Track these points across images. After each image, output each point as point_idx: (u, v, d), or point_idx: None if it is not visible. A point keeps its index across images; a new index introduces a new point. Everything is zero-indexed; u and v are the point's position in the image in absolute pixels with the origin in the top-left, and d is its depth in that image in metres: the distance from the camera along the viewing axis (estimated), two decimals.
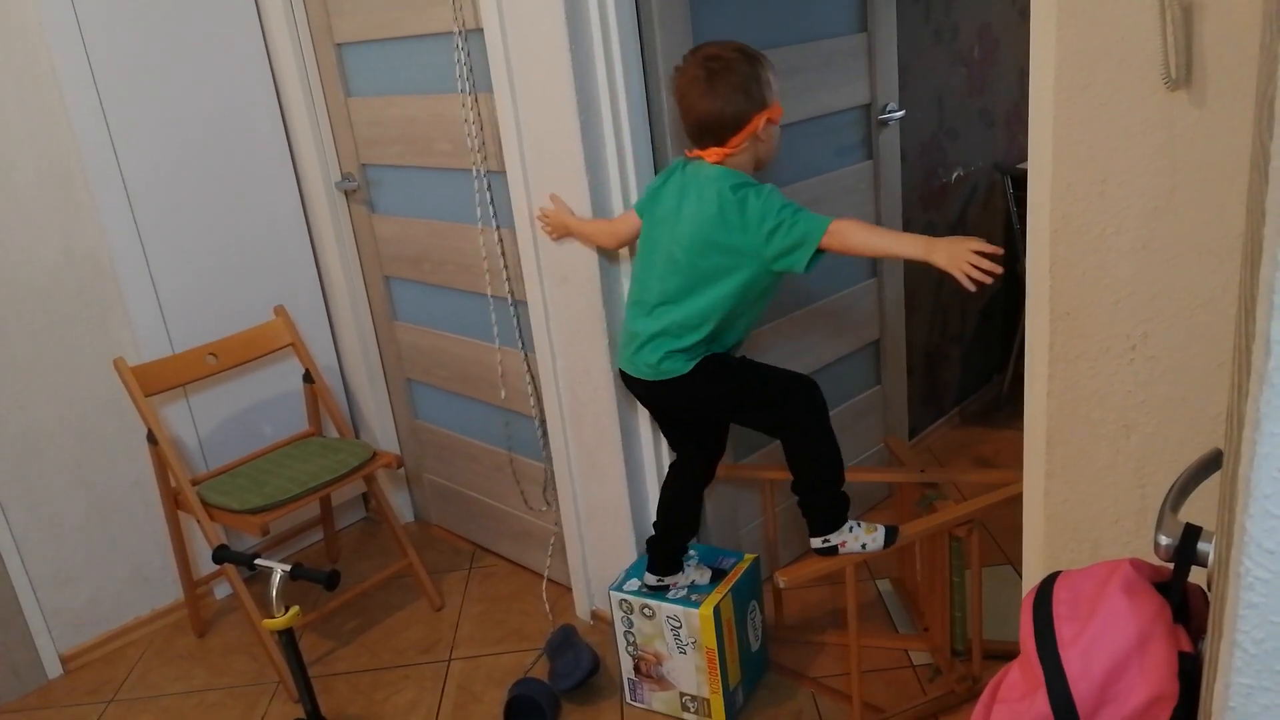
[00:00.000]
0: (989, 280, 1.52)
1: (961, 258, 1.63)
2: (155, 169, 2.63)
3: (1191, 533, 0.75)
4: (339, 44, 2.68)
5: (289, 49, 2.72)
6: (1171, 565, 0.78)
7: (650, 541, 2.19)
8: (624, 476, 2.34)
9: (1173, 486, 0.79)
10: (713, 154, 1.88)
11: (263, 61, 2.80)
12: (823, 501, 1.98)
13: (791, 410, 1.96)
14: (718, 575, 2.19)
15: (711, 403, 2.03)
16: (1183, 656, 0.77)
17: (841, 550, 1.99)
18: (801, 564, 2.06)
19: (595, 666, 2.35)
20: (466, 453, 2.91)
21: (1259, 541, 0.55)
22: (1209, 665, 0.67)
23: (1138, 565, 0.84)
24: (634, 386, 2.07)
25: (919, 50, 2.90)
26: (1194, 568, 0.78)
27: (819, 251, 1.78)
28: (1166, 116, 1.28)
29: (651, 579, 2.16)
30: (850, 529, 1.99)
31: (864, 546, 1.99)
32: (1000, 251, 1.66)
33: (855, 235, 1.76)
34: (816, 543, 2.00)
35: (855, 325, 2.75)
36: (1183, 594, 0.81)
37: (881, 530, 1.99)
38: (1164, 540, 0.75)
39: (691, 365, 1.94)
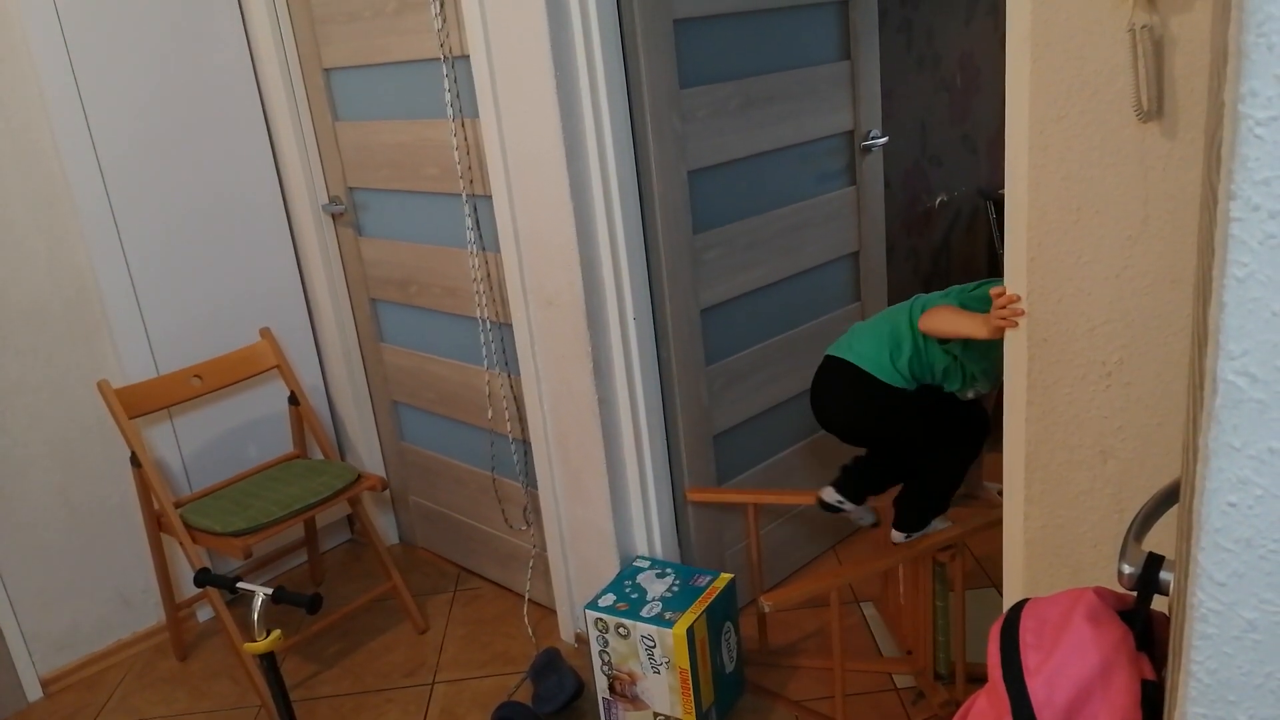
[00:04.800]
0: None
1: (994, 318, 1.62)
2: (143, 192, 2.64)
3: (1154, 561, 0.76)
4: (327, 69, 2.70)
5: (277, 74, 2.74)
6: (1135, 593, 0.79)
7: (867, 461, 2.26)
8: (608, 499, 2.34)
9: (1137, 515, 0.80)
10: None
11: (251, 86, 2.81)
12: (919, 509, 2.16)
13: (947, 448, 2.11)
14: (692, 593, 2.20)
15: (889, 421, 2.13)
16: (1145, 684, 0.77)
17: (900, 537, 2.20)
18: (786, 588, 2.07)
19: (579, 690, 2.34)
20: (451, 475, 2.91)
21: (1210, 574, 0.56)
22: (1169, 694, 0.68)
23: (1102, 593, 0.85)
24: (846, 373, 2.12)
25: (902, 78, 2.93)
26: (1158, 596, 0.79)
27: (932, 333, 1.98)
28: (1139, 148, 1.30)
29: (833, 495, 2.25)
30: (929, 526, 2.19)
31: (934, 529, 2.18)
32: (1004, 290, 1.65)
33: (934, 317, 1.94)
34: (898, 537, 2.18)
35: None
36: (1147, 622, 0.82)
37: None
38: (1127, 569, 0.76)
39: (902, 381, 2.04)
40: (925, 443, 2.11)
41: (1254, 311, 0.52)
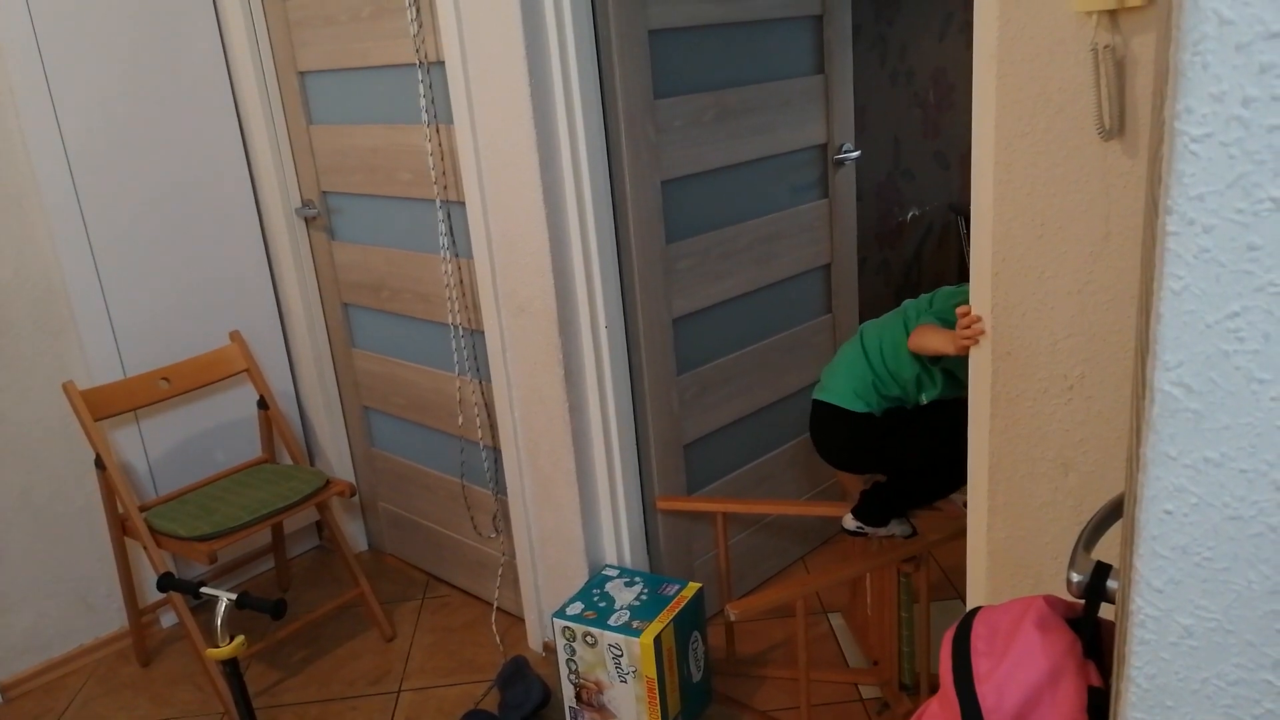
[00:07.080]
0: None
1: (959, 336, 1.64)
2: (112, 192, 2.62)
3: (1102, 570, 0.77)
4: (302, 72, 2.70)
5: (252, 76, 2.73)
6: (1083, 601, 0.80)
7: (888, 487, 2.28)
8: (578, 507, 2.34)
9: (1087, 525, 0.82)
10: None
11: (225, 88, 2.80)
12: (882, 502, 2.20)
13: (926, 475, 2.15)
14: (660, 602, 2.20)
15: (873, 447, 2.19)
16: (1092, 691, 0.79)
17: (870, 535, 2.23)
18: (753, 597, 2.08)
19: (546, 699, 2.34)
20: (421, 481, 2.90)
21: (1148, 580, 0.58)
22: (1114, 700, 0.69)
23: (1053, 601, 0.86)
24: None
25: (875, 93, 2.96)
26: (1107, 605, 0.81)
27: (918, 352, 2.03)
28: (1101, 165, 1.32)
29: (852, 523, 2.27)
30: (888, 529, 2.22)
31: (893, 535, 2.22)
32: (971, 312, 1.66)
33: (915, 337, 2.00)
34: (849, 523, 2.23)
35: (809, 361, 2.78)
36: (1095, 629, 0.83)
37: (908, 523, 2.23)
38: (1075, 577, 0.77)
39: (868, 406, 2.12)
40: (924, 459, 2.13)
41: (1189, 323, 0.53)
